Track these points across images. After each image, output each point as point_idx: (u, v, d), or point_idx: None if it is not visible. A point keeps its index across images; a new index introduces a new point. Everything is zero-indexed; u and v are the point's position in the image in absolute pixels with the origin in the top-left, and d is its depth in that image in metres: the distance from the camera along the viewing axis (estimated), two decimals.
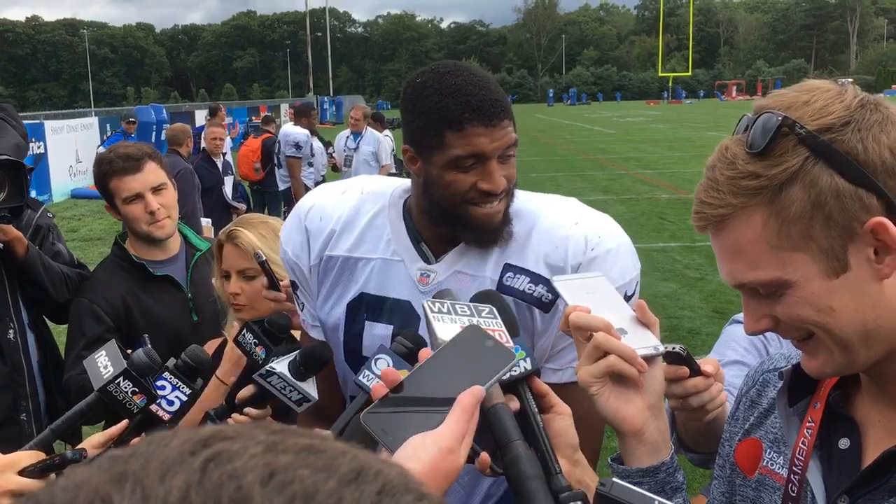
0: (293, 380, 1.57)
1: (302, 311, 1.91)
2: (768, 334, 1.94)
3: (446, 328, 1.19)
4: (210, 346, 2.40)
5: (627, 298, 1.64)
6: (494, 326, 1.22)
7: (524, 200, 1.73)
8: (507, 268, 1.67)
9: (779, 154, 0.96)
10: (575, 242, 1.65)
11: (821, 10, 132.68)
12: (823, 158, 0.94)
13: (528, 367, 1.19)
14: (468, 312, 1.24)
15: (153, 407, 1.60)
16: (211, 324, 2.63)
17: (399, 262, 1.73)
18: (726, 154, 1.00)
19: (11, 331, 2.80)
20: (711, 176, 1.01)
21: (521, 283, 1.66)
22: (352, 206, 1.79)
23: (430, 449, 0.94)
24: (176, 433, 0.46)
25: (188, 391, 1.62)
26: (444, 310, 1.23)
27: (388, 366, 1.36)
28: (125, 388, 1.59)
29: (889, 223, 0.93)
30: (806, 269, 0.97)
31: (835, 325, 0.99)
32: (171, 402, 1.61)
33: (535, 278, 1.65)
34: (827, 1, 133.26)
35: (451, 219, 1.66)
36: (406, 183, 1.82)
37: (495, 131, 1.57)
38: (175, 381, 1.62)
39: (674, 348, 1.41)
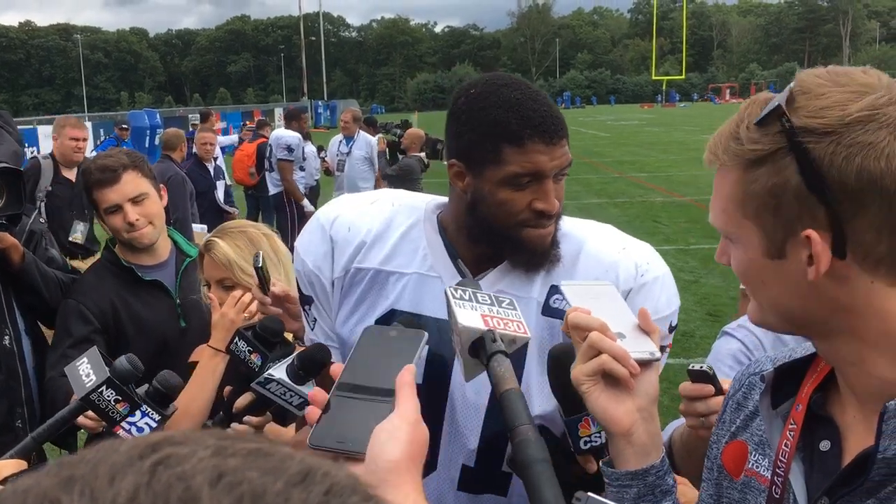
0: (293, 384, 1.57)
1: (313, 328, 1.82)
2: (751, 345, 1.98)
3: (467, 315, 1.21)
4: (198, 353, 2.41)
5: (671, 329, 1.64)
6: (513, 317, 1.25)
7: (566, 223, 1.69)
8: (555, 289, 1.61)
9: (764, 133, 1.00)
10: (625, 268, 1.62)
11: (813, 14, 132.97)
12: (793, 156, 0.97)
13: (603, 441, 1.25)
14: (488, 301, 1.26)
15: (123, 434, 1.57)
16: (199, 330, 2.62)
17: (436, 279, 1.65)
18: (748, 109, 1.04)
19: (7, 337, 2.81)
20: (729, 123, 1.06)
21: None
22: (384, 218, 1.71)
23: (402, 426, 0.97)
24: (124, 440, 0.47)
25: (158, 418, 1.60)
26: (466, 297, 1.25)
27: None
28: (108, 396, 1.57)
29: (817, 239, 0.97)
30: (751, 239, 1.04)
31: (760, 295, 1.07)
32: (140, 430, 1.59)
33: None
34: (819, 4, 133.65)
35: (498, 239, 1.60)
36: (437, 198, 1.78)
37: (555, 150, 1.53)
38: (145, 407, 1.59)
39: (701, 367, 1.46)
